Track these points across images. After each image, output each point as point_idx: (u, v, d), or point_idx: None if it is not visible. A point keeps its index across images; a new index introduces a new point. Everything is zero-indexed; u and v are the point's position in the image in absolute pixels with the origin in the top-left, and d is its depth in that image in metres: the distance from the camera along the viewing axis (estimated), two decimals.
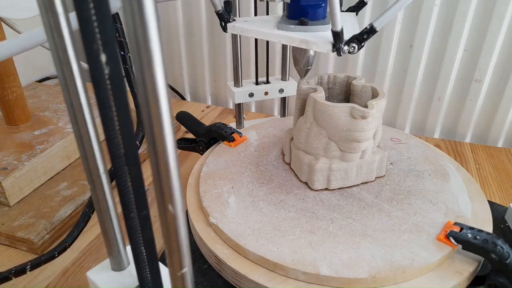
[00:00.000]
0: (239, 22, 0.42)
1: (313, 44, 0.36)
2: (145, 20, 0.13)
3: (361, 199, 0.38)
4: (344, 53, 0.34)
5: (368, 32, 0.33)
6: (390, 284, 0.30)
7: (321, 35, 0.36)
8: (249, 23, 0.41)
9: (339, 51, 0.34)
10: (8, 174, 0.44)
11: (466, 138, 0.70)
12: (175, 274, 0.18)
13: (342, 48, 0.34)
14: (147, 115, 0.14)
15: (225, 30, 0.42)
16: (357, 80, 0.41)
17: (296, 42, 0.37)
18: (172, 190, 0.16)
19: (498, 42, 0.61)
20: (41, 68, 0.79)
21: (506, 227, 0.41)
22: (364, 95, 0.40)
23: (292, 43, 0.37)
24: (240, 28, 0.40)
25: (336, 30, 0.33)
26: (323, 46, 0.35)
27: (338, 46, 0.34)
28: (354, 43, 0.34)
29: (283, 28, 0.38)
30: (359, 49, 0.34)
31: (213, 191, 0.39)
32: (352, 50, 0.34)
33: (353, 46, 0.34)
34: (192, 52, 0.80)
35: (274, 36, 0.38)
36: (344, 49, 0.34)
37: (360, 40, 0.34)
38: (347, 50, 0.34)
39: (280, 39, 0.38)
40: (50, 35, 0.17)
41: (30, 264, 0.32)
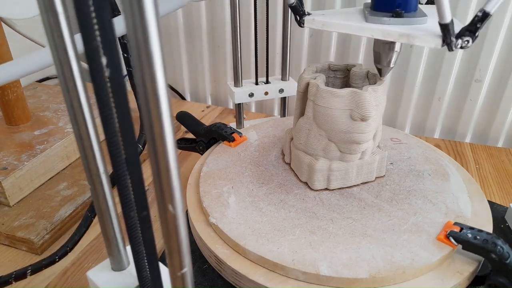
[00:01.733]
0: (317, 15, 0.37)
1: (417, 38, 0.31)
2: (145, 20, 0.13)
3: (361, 199, 0.38)
4: (456, 48, 0.30)
5: (481, 20, 0.29)
6: (390, 284, 0.30)
7: (423, 28, 0.32)
8: (329, 16, 0.36)
9: (451, 46, 0.30)
10: (8, 174, 0.44)
11: (466, 138, 0.70)
12: (175, 274, 0.18)
13: (454, 42, 0.30)
14: (147, 115, 0.14)
15: (301, 24, 0.37)
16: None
17: (395, 36, 0.32)
18: (172, 190, 0.16)
19: (498, 42, 0.61)
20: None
21: (506, 227, 0.41)
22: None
23: (389, 38, 0.33)
24: (322, 22, 0.36)
25: (445, 23, 0.29)
26: (431, 41, 0.31)
27: (449, 40, 0.30)
28: (467, 35, 0.30)
29: (374, 20, 0.34)
30: (473, 41, 0.30)
31: (213, 191, 0.39)
32: (466, 44, 0.30)
33: (467, 40, 0.30)
34: (192, 52, 0.80)
35: (365, 30, 0.34)
36: (457, 43, 0.30)
37: (473, 30, 0.29)
38: (460, 44, 0.30)
39: (373, 33, 0.33)
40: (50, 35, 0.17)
41: (31, 269, 0.32)
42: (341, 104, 0.36)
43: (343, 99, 0.36)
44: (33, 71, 0.28)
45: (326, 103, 0.36)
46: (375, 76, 0.39)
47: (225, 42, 0.76)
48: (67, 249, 0.33)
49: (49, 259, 0.32)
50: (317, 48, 0.71)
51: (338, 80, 0.43)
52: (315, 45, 0.71)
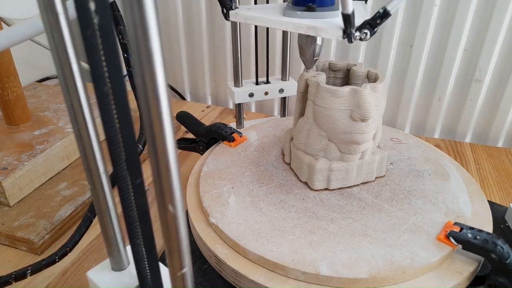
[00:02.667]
0: (242, 9, 0.39)
1: (322, 30, 0.33)
2: (145, 20, 0.13)
3: (361, 199, 0.38)
4: (355, 40, 0.31)
5: (381, 17, 0.30)
6: (390, 284, 0.30)
7: (330, 21, 0.34)
8: (253, 11, 0.39)
9: (350, 38, 0.31)
10: (8, 174, 0.44)
11: (466, 138, 0.70)
12: (175, 274, 0.18)
13: (353, 34, 0.31)
14: (147, 115, 0.14)
15: (227, 18, 0.39)
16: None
17: (304, 28, 0.34)
18: (172, 190, 0.16)
19: (498, 42, 0.61)
20: (41, 68, 0.79)
21: (506, 227, 0.41)
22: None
23: (299, 30, 0.35)
24: (244, 16, 0.38)
25: (347, 13, 0.30)
26: (333, 32, 0.32)
27: (349, 31, 0.31)
28: (366, 28, 0.31)
29: (290, 14, 0.36)
30: (371, 35, 0.31)
31: (213, 191, 0.39)
32: (364, 36, 0.31)
33: (365, 32, 0.31)
34: (192, 52, 0.80)
35: (280, 23, 0.36)
36: (356, 35, 0.31)
37: (373, 25, 0.31)
38: (359, 37, 0.31)
39: (286, 26, 0.36)
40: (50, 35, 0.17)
41: (31, 269, 0.32)
42: (341, 104, 0.36)
43: (343, 100, 0.36)
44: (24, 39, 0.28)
45: (326, 103, 0.36)
46: (375, 76, 0.39)
47: (225, 42, 0.76)
48: (67, 249, 0.33)
49: (49, 259, 0.32)
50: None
51: (338, 80, 0.43)
52: None
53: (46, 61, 0.79)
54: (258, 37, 0.54)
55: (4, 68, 0.50)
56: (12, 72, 0.52)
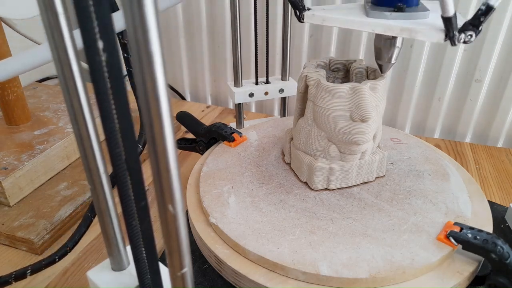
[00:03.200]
0: (317, 10, 0.36)
1: (419, 32, 0.31)
2: (145, 20, 0.13)
3: (361, 199, 0.38)
4: (459, 42, 0.30)
5: (485, 13, 0.28)
6: (390, 284, 0.30)
7: (425, 22, 0.32)
8: (329, 11, 0.36)
9: (453, 40, 0.29)
10: (8, 174, 0.44)
11: (466, 138, 0.70)
12: (175, 274, 0.18)
13: (457, 36, 0.29)
14: (147, 115, 0.14)
15: (301, 19, 0.36)
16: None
17: (396, 31, 0.32)
18: (172, 190, 0.16)
19: (498, 42, 0.61)
20: (41, 68, 0.79)
21: (506, 227, 0.41)
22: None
23: (390, 32, 0.32)
24: (322, 17, 0.35)
25: (448, 16, 0.28)
26: (434, 35, 0.30)
27: (452, 34, 0.29)
28: (470, 29, 0.29)
29: (376, 15, 0.33)
30: (476, 35, 0.29)
31: (213, 191, 0.39)
32: (469, 38, 0.29)
33: (470, 34, 0.29)
34: (192, 52, 0.80)
35: (365, 25, 0.33)
36: (460, 37, 0.29)
37: (476, 24, 0.29)
38: (463, 39, 0.29)
39: (374, 28, 0.33)
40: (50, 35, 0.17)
41: (31, 269, 0.32)
42: (341, 105, 0.36)
43: (343, 100, 0.36)
44: (32, 68, 0.28)
45: (326, 104, 0.36)
46: (375, 72, 0.39)
47: (225, 42, 0.76)
48: (67, 249, 0.33)
49: (49, 259, 0.32)
50: (317, 48, 0.71)
51: (338, 80, 0.43)
52: (315, 45, 0.71)
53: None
54: (258, 37, 0.54)
55: None
56: None
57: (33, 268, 0.32)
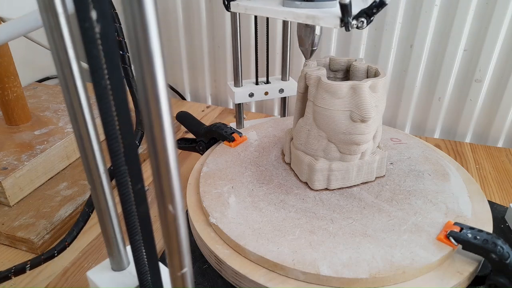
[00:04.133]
0: (243, 0, 0.41)
1: (320, 19, 0.34)
2: (145, 20, 0.13)
3: (361, 199, 0.38)
4: (352, 28, 0.32)
5: (378, 6, 0.32)
6: (390, 284, 0.30)
7: (329, 10, 0.36)
8: (254, 1, 0.40)
9: (347, 26, 0.32)
10: (8, 174, 0.44)
11: (466, 138, 0.70)
12: (175, 274, 0.18)
13: (350, 22, 0.32)
14: (147, 115, 0.14)
15: (228, 9, 0.41)
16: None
17: (302, 18, 0.36)
18: (172, 190, 0.16)
19: (498, 42, 0.60)
20: (41, 68, 0.79)
21: (506, 227, 0.41)
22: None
23: (298, 20, 0.36)
24: (244, 6, 0.40)
25: (344, 2, 0.31)
26: (331, 21, 0.33)
27: (347, 20, 0.32)
28: (363, 17, 0.32)
29: (289, 4, 0.37)
30: (367, 23, 0.32)
31: (213, 191, 0.39)
32: (361, 25, 0.32)
33: (362, 20, 0.32)
34: (192, 52, 0.80)
35: (279, 13, 0.37)
36: (353, 23, 0.32)
37: (369, 14, 0.32)
38: (355, 25, 0.32)
39: (286, 16, 0.37)
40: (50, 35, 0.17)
41: (30, 264, 0.32)
42: (340, 105, 0.36)
43: (343, 100, 0.36)
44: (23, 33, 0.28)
45: (326, 104, 0.36)
46: (375, 71, 0.39)
47: (225, 42, 0.76)
48: (65, 243, 0.33)
49: (47, 253, 0.32)
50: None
51: (338, 80, 0.43)
52: None
53: (46, 61, 0.79)
54: (258, 37, 0.54)
55: (4, 68, 0.50)
56: (12, 72, 0.52)
57: (32, 263, 0.32)
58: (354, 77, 0.41)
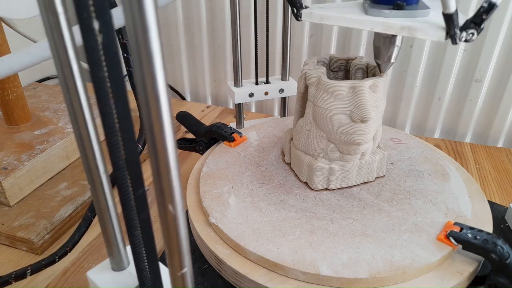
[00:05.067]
0: (315, 9, 0.35)
1: (419, 30, 0.30)
2: (145, 20, 0.13)
3: (361, 199, 0.38)
4: (461, 41, 0.29)
5: (487, 11, 0.27)
6: (390, 284, 0.30)
7: (425, 20, 0.31)
8: (327, 9, 0.35)
9: (455, 38, 0.28)
10: (8, 174, 0.44)
11: (466, 138, 0.70)
12: (175, 274, 0.18)
13: (458, 34, 0.28)
14: (147, 115, 0.14)
15: (298, 18, 0.36)
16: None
17: (396, 29, 0.31)
18: (172, 190, 0.16)
19: (498, 42, 0.61)
20: (41, 68, 0.79)
21: (506, 227, 0.41)
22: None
23: (390, 31, 0.32)
24: (320, 15, 0.34)
25: (449, 12, 0.28)
26: (434, 33, 0.29)
27: (453, 32, 0.28)
28: (471, 27, 0.28)
29: (375, 13, 0.33)
30: (478, 33, 0.28)
31: (213, 191, 0.39)
32: (470, 37, 0.28)
33: (472, 32, 0.28)
34: (192, 52, 0.80)
35: (365, 23, 0.32)
36: (461, 35, 0.28)
37: (478, 22, 0.28)
38: (464, 37, 0.28)
39: (373, 26, 0.32)
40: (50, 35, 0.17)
41: (31, 269, 0.32)
42: (340, 105, 0.36)
43: (343, 100, 0.36)
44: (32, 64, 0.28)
45: (326, 104, 0.36)
46: (375, 70, 0.39)
47: (225, 42, 0.76)
48: (67, 249, 0.33)
49: (49, 259, 0.32)
50: (317, 48, 0.71)
51: (338, 80, 0.43)
52: (315, 45, 0.71)
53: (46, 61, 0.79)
54: (258, 37, 0.54)
55: None
56: None
57: (33, 268, 0.32)
58: (354, 76, 0.41)
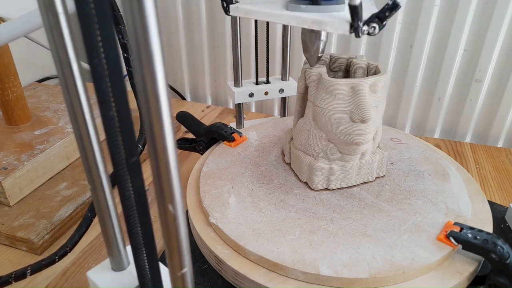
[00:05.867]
0: (243, 3, 0.38)
1: (327, 24, 0.32)
2: (145, 20, 0.13)
3: (361, 199, 0.38)
4: (363, 34, 0.30)
5: (391, 9, 0.29)
6: (390, 284, 0.30)
7: (336, 15, 0.33)
8: (254, 5, 0.37)
9: (358, 32, 0.30)
10: (8, 174, 0.44)
11: (466, 138, 0.70)
12: (175, 274, 0.18)
13: (361, 27, 0.30)
14: (147, 115, 0.14)
15: (228, 12, 0.38)
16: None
17: (308, 23, 0.33)
18: (172, 190, 0.16)
19: (498, 42, 0.60)
20: (41, 68, 0.79)
21: (506, 227, 0.41)
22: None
23: (303, 24, 0.33)
24: (245, 10, 0.37)
25: (354, 4, 0.29)
26: (339, 26, 0.31)
27: (357, 25, 0.29)
28: (375, 22, 0.30)
29: (293, 8, 0.34)
30: (380, 29, 0.30)
31: (213, 191, 0.39)
32: (373, 30, 0.30)
33: (373, 26, 0.30)
34: (192, 52, 0.80)
35: (282, 17, 0.34)
36: (364, 29, 0.30)
37: (381, 18, 0.29)
38: (367, 31, 0.30)
39: (289, 20, 0.34)
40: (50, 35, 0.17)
41: (31, 269, 0.32)
42: (340, 105, 0.36)
43: (343, 101, 0.36)
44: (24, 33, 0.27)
45: (326, 105, 0.36)
46: (375, 69, 0.39)
47: (225, 42, 0.76)
48: (67, 249, 0.33)
49: (48, 259, 0.32)
50: None
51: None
52: None
53: (46, 61, 0.79)
54: (258, 37, 0.54)
55: (4, 68, 0.50)
56: (12, 72, 0.52)
57: (33, 268, 0.32)
58: (354, 75, 0.41)
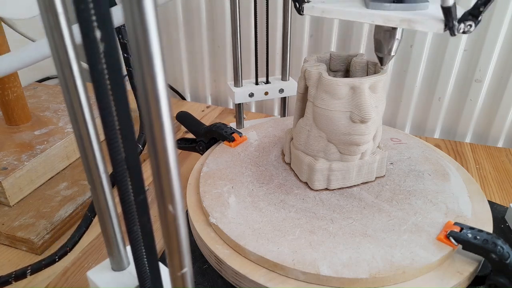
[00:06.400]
0: (316, 2, 0.36)
1: (419, 23, 0.31)
2: (145, 20, 0.13)
3: (361, 199, 0.38)
4: (459, 32, 0.29)
5: (485, 3, 0.28)
6: (390, 284, 0.30)
7: (425, 13, 0.32)
8: (329, 3, 0.36)
9: (453, 30, 0.29)
10: (8, 174, 0.44)
11: (466, 138, 0.70)
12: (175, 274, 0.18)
13: (456, 26, 0.29)
14: (147, 115, 0.14)
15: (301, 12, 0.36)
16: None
17: (396, 21, 0.32)
18: (172, 190, 0.16)
19: (498, 42, 0.60)
20: (41, 68, 0.79)
21: (506, 227, 0.41)
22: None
23: (390, 23, 0.32)
24: (321, 9, 0.35)
25: (447, 5, 0.28)
26: (433, 25, 0.30)
27: (452, 24, 0.29)
28: (469, 19, 0.29)
29: (376, 6, 0.33)
30: (476, 25, 0.29)
31: (213, 191, 0.39)
32: (468, 28, 0.29)
33: (469, 24, 0.29)
34: (192, 52, 0.80)
35: (365, 16, 0.33)
36: (460, 27, 0.29)
37: (476, 14, 0.29)
38: (462, 29, 0.29)
39: (374, 19, 0.33)
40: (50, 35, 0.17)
41: (31, 269, 0.32)
42: (340, 106, 0.36)
43: (343, 101, 0.36)
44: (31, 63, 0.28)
45: (326, 105, 0.36)
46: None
47: (225, 42, 0.76)
48: (67, 249, 0.33)
49: (48, 259, 0.32)
50: (317, 48, 0.71)
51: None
52: (315, 45, 0.71)
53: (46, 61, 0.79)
54: (258, 37, 0.54)
55: None
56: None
57: (33, 268, 0.32)
58: (355, 75, 0.41)
